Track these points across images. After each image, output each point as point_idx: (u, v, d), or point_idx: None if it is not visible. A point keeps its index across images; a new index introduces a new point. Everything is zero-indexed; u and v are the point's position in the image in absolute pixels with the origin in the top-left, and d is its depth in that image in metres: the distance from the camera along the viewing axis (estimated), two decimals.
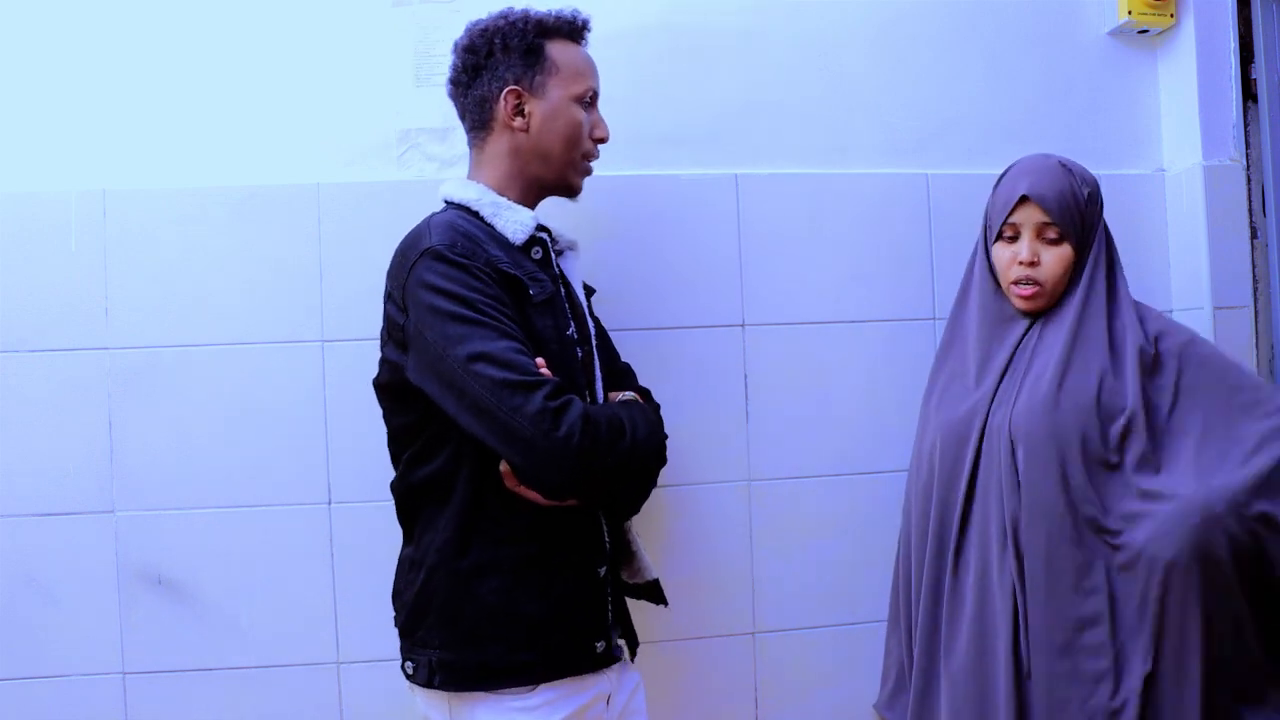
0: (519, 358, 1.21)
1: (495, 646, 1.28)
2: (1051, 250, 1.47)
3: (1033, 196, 1.46)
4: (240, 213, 1.66)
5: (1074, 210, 1.46)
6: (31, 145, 1.66)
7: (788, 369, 1.77)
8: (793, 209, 1.78)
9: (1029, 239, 1.48)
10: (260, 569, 1.65)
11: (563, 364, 1.32)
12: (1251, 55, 1.86)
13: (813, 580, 1.77)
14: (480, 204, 1.36)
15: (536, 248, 1.38)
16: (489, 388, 1.19)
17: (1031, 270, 1.47)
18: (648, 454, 1.32)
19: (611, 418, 1.26)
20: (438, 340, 1.22)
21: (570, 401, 1.21)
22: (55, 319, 1.63)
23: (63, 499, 1.62)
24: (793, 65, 1.80)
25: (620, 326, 1.70)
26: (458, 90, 1.43)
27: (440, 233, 1.28)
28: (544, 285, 1.34)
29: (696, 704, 1.73)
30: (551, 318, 1.33)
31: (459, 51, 1.42)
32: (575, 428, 1.19)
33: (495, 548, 1.29)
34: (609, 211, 1.73)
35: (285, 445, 1.65)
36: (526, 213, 1.38)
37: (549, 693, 1.28)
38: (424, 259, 1.25)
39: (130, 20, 1.68)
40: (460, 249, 1.26)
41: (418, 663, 1.31)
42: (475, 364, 1.20)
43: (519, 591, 1.29)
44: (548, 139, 1.39)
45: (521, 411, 1.18)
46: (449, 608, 1.30)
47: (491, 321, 1.22)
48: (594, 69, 1.45)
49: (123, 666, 1.63)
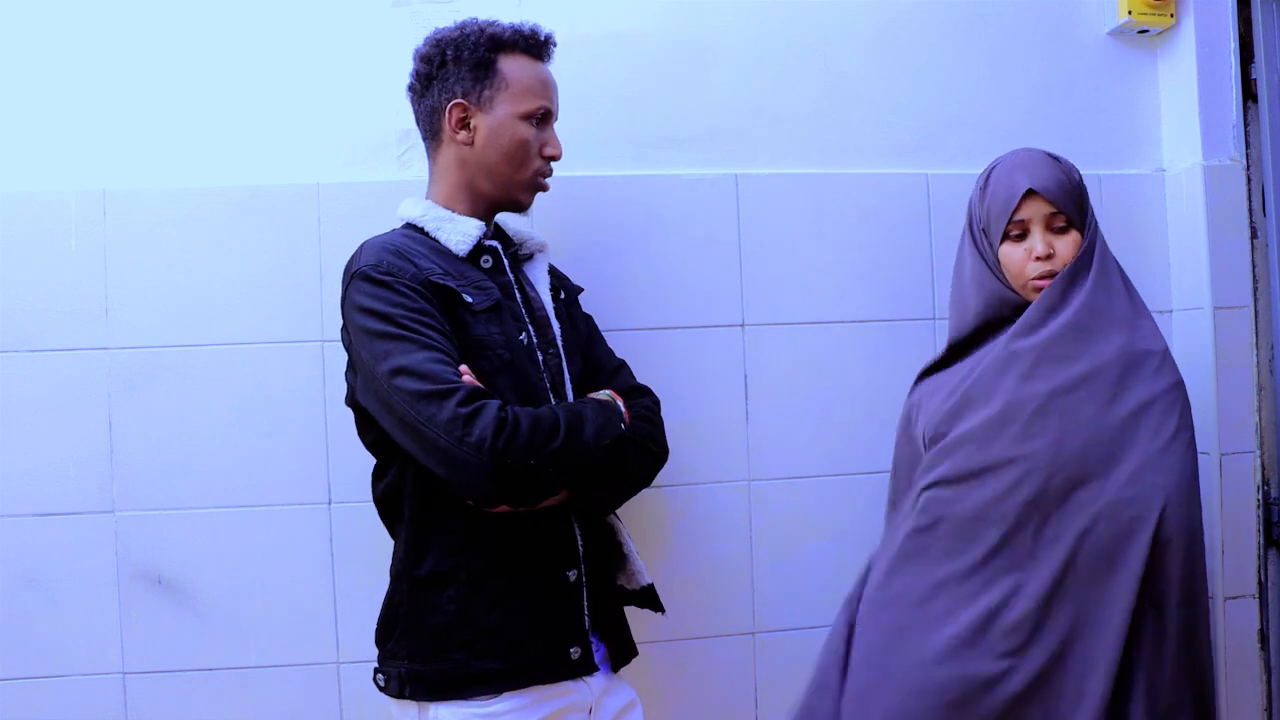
0: (436, 367, 1.22)
1: (457, 655, 1.28)
2: (1062, 239, 1.45)
3: (1039, 189, 1.44)
4: (240, 213, 1.66)
5: (1074, 195, 1.46)
6: (31, 145, 1.66)
7: (788, 369, 1.77)
8: (793, 209, 1.78)
9: (1040, 232, 1.45)
10: (260, 569, 1.65)
11: (514, 370, 1.33)
12: (1251, 55, 1.86)
13: (813, 580, 1.76)
14: (424, 220, 1.39)
15: (486, 256, 1.39)
16: (408, 400, 1.21)
17: (1049, 263, 1.44)
18: (595, 453, 1.28)
19: (540, 418, 1.24)
20: (368, 359, 1.25)
21: (483, 406, 1.20)
22: (55, 319, 1.63)
23: (63, 499, 1.62)
24: (793, 65, 1.80)
25: (620, 326, 1.70)
26: (413, 96, 1.44)
27: (369, 254, 1.31)
28: (489, 293, 1.35)
29: (696, 704, 1.73)
30: (499, 324, 1.34)
31: (417, 59, 1.43)
32: (488, 431, 1.19)
33: (451, 557, 1.30)
34: (609, 211, 1.73)
35: (285, 445, 1.65)
36: (471, 223, 1.38)
37: (514, 699, 1.28)
38: (354, 282, 1.29)
39: (130, 20, 1.68)
40: (385, 267, 1.28)
41: (388, 675, 1.32)
42: (396, 378, 1.21)
43: (477, 600, 1.29)
44: (491, 155, 1.39)
45: (435, 421, 1.19)
46: (412, 618, 1.31)
47: (412, 335, 1.24)
48: (549, 87, 1.43)
49: (123, 666, 1.63)
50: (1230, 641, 1.78)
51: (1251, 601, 1.80)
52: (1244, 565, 1.79)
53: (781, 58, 1.80)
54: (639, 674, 1.54)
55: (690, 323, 1.75)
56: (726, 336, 1.76)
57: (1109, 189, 1.84)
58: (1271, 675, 1.81)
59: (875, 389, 1.79)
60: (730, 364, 1.76)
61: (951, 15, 1.84)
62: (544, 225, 1.65)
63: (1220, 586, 1.77)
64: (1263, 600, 1.80)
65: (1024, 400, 1.39)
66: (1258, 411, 1.81)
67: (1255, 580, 1.80)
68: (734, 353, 1.76)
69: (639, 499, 1.46)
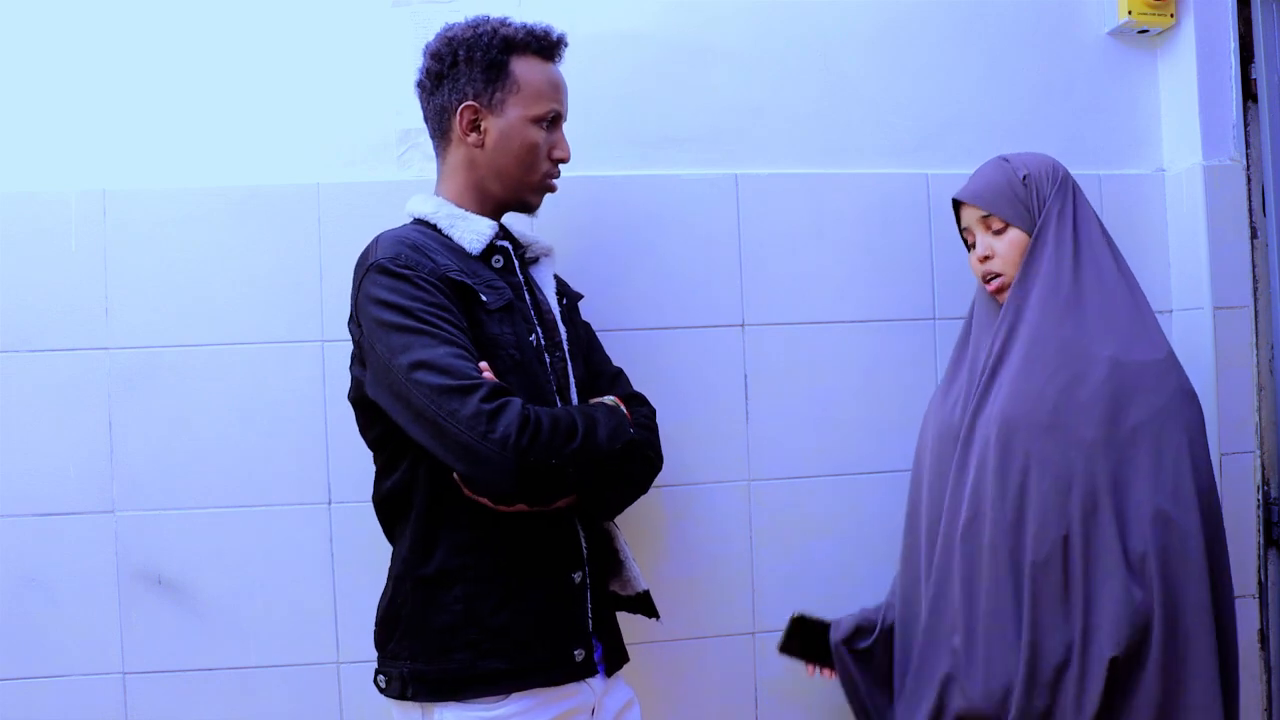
0: (458, 363, 1.21)
1: (462, 655, 1.27)
2: (1001, 239, 1.51)
3: (962, 197, 1.55)
4: (240, 213, 1.66)
5: (1006, 195, 1.50)
6: (31, 145, 1.66)
7: (788, 369, 1.77)
8: (793, 209, 1.78)
9: (980, 235, 1.53)
10: (260, 569, 1.65)
11: (525, 371, 1.33)
12: (1251, 55, 1.86)
13: (813, 580, 1.76)
14: (437, 216, 1.38)
15: (497, 256, 1.39)
16: (428, 395, 1.19)
17: (989, 264, 1.52)
18: (608, 456, 1.28)
19: (559, 418, 1.24)
20: (384, 352, 1.24)
21: (507, 403, 1.20)
22: (55, 319, 1.63)
23: (63, 499, 1.62)
24: (793, 65, 1.80)
25: (620, 327, 1.70)
26: (422, 94, 1.43)
27: (385, 247, 1.29)
28: (501, 292, 1.34)
29: (696, 704, 1.73)
30: (510, 325, 1.34)
31: (427, 56, 1.41)
32: (512, 428, 1.18)
33: (459, 556, 1.29)
34: (609, 211, 1.73)
35: (285, 445, 1.65)
36: (484, 222, 1.38)
37: (522, 701, 1.28)
38: (370, 274, 1.28)
39: (130, 20, 1.68)
40: (404, 260, 1.27)
41: (390, 675, 1.31)
42: (416, 372, 1.20)
43: (485, 600, 1.28)
44: (502, 158, 1.39)
45: (457, 416, 1.18)
46: (416, 618, 1.30)
47: (432, 329, 1.23)
48: (560, 89, 1.43)
49: (123, 666, 1.63)
50: None
51: (1251, 601, 1.80)
52: (1244, 565, 1.79)
53: (781, 58, 1.80)
54: (640, 674, 1.54)
55: (690, 323, 1.75)
56: (726, 336, 1.76)
57: (1109, 189, 1.84)
58: (1271, 675, 1.82)
59: (875, 389, 1.79)
60: (730, 364, 1.76)
61: (951, 15, 1.84)
62: (544, 225, 1.65)
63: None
64: (1263, 600, 1.81)
65: None
66: (1258, 411, 1.81)
67: (1255, 580, 1.80)
68: (734, 353, 1.76)
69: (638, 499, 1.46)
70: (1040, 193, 1.49)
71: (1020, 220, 1.49)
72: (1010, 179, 1.50)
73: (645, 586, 1.50)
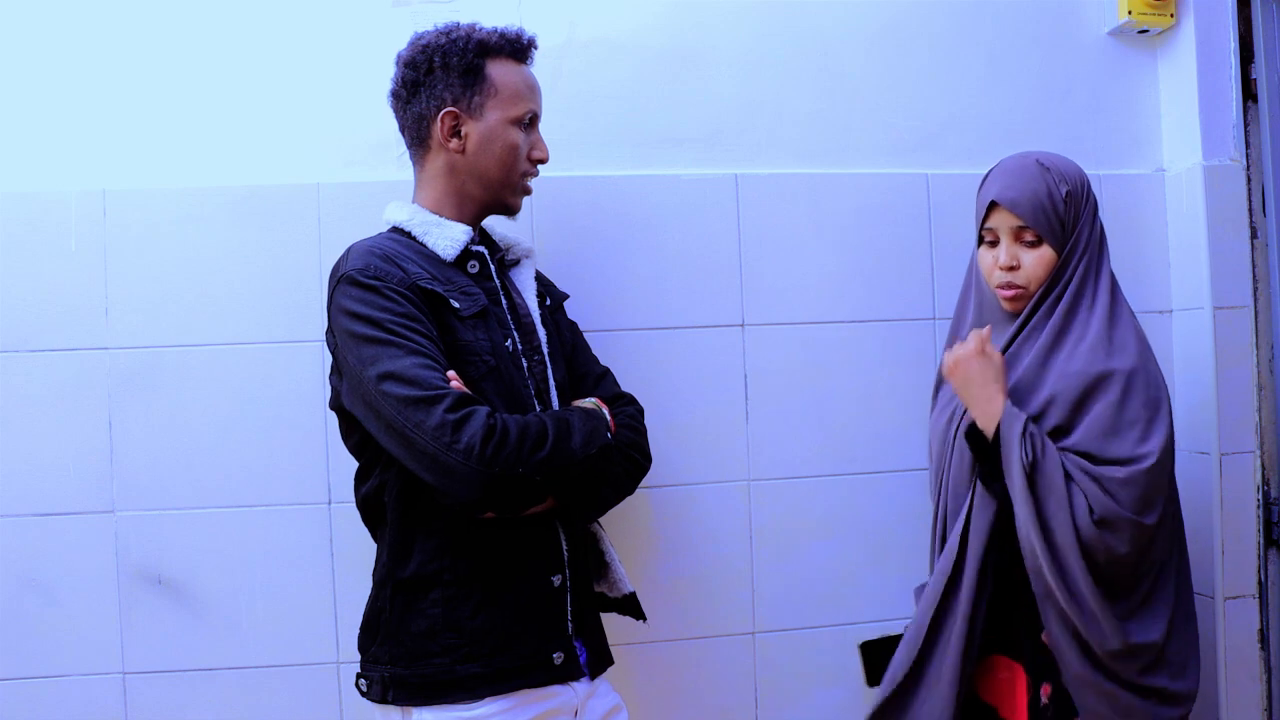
0: (424, 373, 1.21)
1: (440, 659, 1.28)
2: (1031, 253, 1.46)
3: (1003, 203, 1.46)
4: (240, 213, 1.66)
5: (1049, 212, 1.44)
6: (31, 145, 1.66)
7: (788, 369, 1.77)
8: (793, 209, 1.78)
9: (1007, 243, 1.47)
10: (260, 569, 1.65)
11: (500, 377, 1.33)
12: (1251, 55, 1.86)
13: (813, 580, 1.77)
14: (411, 224, 1.38)
15: (473, 261, 1.39)
16: (395, 406, 1.20)
17: (1011, 275, 1.47)
18: (583, 461, 1.28)
19: (528, 426, 1.24)
20: (355, 363, 1.25)
21: (472, 413, 1.20)
22: (55, 319, 1.63)
23: (63, 499, 1.62)
24: (793, 65, 1.80)
25: (620, 327, 1.70)
26: (397, 103, 1.43)
27: (355, 258, 1.30)
28: (476, 298, 1.34)
29: (696, 704, 1.73)
30: (485, 330, 1.34)
31: (400, 65, 1.41)
32: (476, 438, 1.18)
33: (435, 560, 1.30)
34: (610, 211, 1.73)
35: (285, 445, 1.65)
36: (459, 228, 1.38)
37: (496, 703, 1.28)
38: (340, 286, 1.29)
39: (130, 20, 1.68)
40: (373, 271, 1.28)
41: (370, 679, 1.32)
42: (384, 383, 1.21)
43: (463, 603, 1.29)
44: (484, 161, 1.39)
45: (423, 427, 1.19)
46: (394, 623, 1.31)
47: (399, 340, 1.23)
48: (535, 90, 1.43)
49: (123, 666, 1.63)
50: (1230, 641, 1.78)
51: (1251, 601, 1.80)
52: (1244, 565, 1.79)
53: (781, 58, 1.80)
54: (640, 674, 1.54)
55: (690, 323, 1.75)
56: (726, 336, 1.76)
57: (1109, 189, 1.84)
58: (1271, 675, 1.81)
59: (875, 389, 1.79)
60: (730, 364, 1.76)
61: (951, 15, 1.84)
62: (544, 226, 1.65)
63: (1220, 586, 1.78)
64: (1263, 600, 1.80)
65: None
66: (1258, 411, 1.81)
67: (1255, 580, 1.80)
68: (734, 353, 1.76)
69: (637, 499, 1.46)
70: (1076, 213, 1.46)
71: (1053, 239, 1.45)
72: (1052, 193, 1.44)
73: (632, 588, 1.50)
